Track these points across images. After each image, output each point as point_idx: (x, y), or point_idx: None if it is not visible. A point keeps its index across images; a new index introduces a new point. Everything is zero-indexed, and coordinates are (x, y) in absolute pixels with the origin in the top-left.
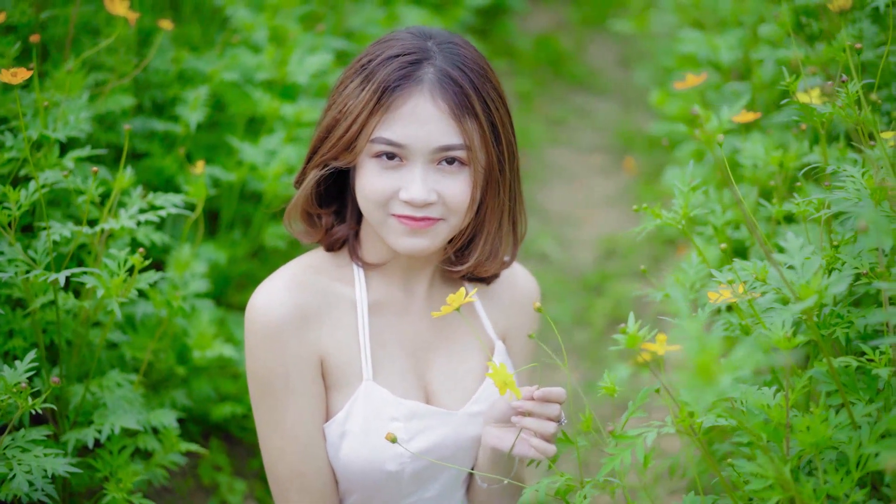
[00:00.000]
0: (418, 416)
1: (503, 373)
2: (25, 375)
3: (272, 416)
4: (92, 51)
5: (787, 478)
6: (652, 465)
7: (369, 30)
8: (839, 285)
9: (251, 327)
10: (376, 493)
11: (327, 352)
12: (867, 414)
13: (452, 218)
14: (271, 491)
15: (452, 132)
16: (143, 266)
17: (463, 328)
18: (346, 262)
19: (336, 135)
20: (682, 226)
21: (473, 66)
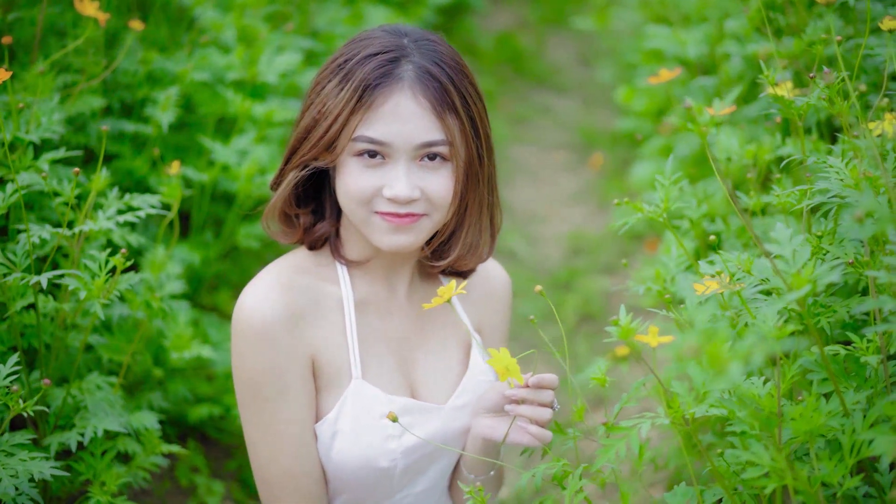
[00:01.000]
0: (408, 413)
1: (505, 358)
2: (8, 379)
3: (263, 419)
4: (62, 52)
5: (783, 466)
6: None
7: (335, 29)
8: (832, 274)
9: (241, 330)
10: (367, 492)
11: (318, 351)
12: (856, 402)
13: (436, 213)
14: (260, 494)
15: (434, 128)
16: (124, 267)
17: (441, 323)
18: (328, 261)
19: (316, 135)
20: (663, 218)
21: (450, 62)
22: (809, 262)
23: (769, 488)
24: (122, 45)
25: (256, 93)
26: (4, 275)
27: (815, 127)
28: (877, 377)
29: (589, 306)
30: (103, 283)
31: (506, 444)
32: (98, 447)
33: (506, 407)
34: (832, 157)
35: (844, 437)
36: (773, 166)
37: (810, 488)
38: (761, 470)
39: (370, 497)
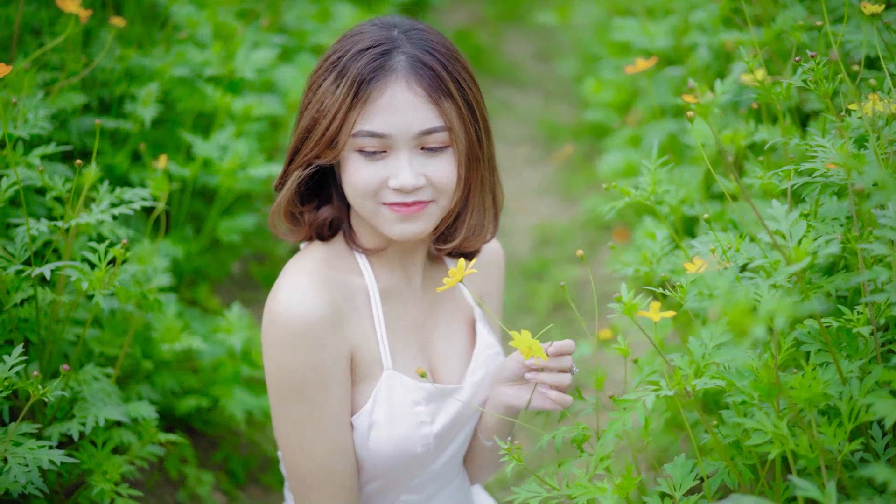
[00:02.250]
0: (436, 398)
1: (527, 339)
2: (14, 370)
3: (302, 417)
4: (45, 48)
5: (785, 432)
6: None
7: (304, 25)
8: (831, 247)
9: (282, 330)
10: (398, 476)
11: (355, 346)
12: (849, 371)
13: (442, 199)
14: (293, 490)
15: (432, 115)
16: (124, 258)
17: (449, 303)
18: (347, 252)
19: (317, 134)
20: (651, 201)
21: (441, 48)
22: (808, 235)
23: (773, 454)
24: (98, 42)
25: (233, 88)
26: (4, 268)
27: (786, 113)
28: (867, 347)
29: (560, 295)
30: (104, 274)
31: (528, 410)
32: (100, 437)
33: (527, 375)
34: (819, 138)
35: (842, 404)
36: (748, 152)
37: (811, 453)
38: (765, 437)
39: (399, 481)
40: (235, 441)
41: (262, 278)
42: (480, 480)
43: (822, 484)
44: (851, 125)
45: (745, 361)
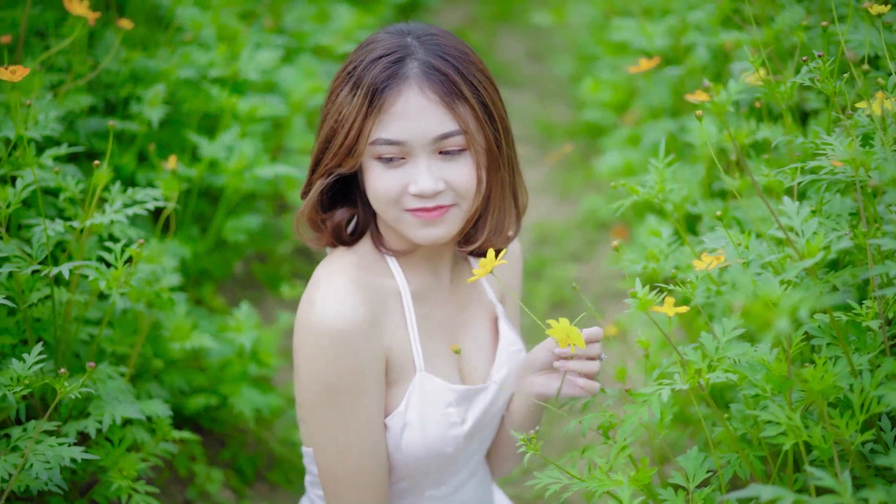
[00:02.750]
0: (466, 399)
1: (565, 327)
2: (33, 368)
3: (338, 420)
4: (53, 50)
5: (799, 424)
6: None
7: (302, 27)
8: (842, 242)
9: (321, 335)
10: (427, 475)
11: (390, 348)
12: (859, 364)
13: (464, 202)
14: (325, 491)
15: (446, 120)
16: (140, 258)
17: (473, 301)
18: (377, 255)
19: (336, 143)
20: (659, 199)
21: (454, 52)
22: (820, 230)
23: (786, 445)
24: (102, 44)
25: (237, 89)
26: (21, 267)
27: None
28: (875, 340)
29: (559, 294)
30: (121, 273)
31: (558, 398)
32: (115, 434)
33: (555, 363)
34: (827, 136)
35: (854, 396)
36: (750, 150)
37: (824, 444)
38: (779, 428)
39: (427, 478)
40: (243, 439)
41: (265, 278)
42: (506, 471)
43: (834, 474)
44: (860, 122)
45: (758, 355)
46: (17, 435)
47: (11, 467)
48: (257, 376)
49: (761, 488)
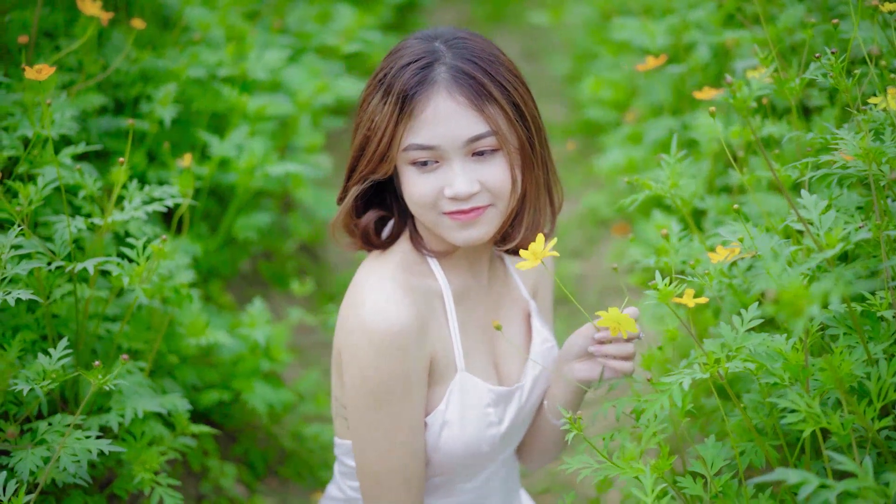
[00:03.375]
0: (504, 399)
1: (615, 315)
2: (60, 363)
3: (383, 421)
4: (68, 50)
5: (818, 411)
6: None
7: (305, 27)
8: (861, 233)
9: (373, 339)
10: (460, 471)
11: (435, 349)
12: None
13: (500, 202)
14: (362, 488)
15: (477, 122)
16: (163, 254)
17: (509, 300)
18: (417, 257)
19: (370, 151)
20: (671, 194)
21: (482, 54)
22: (839, 222)
23: (806, 431)
24: (110, 44)
25: (245, 89)
26: (49, 262)
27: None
28: (889, 330)
29: (560, 290)
30: (143, 269)
31: (601, 381)
32: (136, 428)
33: (590, 348)
34: (840, 131)
35: (871, 384)
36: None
37: (843, 431)
38: (799, 415)
39: (461, 474)
40: (254, 434)
41: (270, 276)
42: (544, 462)
43: (852, 459)
44: (875, 117)
45: (775, 345)
46: (44, 429)
47: (39, 460)
48: (268, 372)
49: (787, 472)
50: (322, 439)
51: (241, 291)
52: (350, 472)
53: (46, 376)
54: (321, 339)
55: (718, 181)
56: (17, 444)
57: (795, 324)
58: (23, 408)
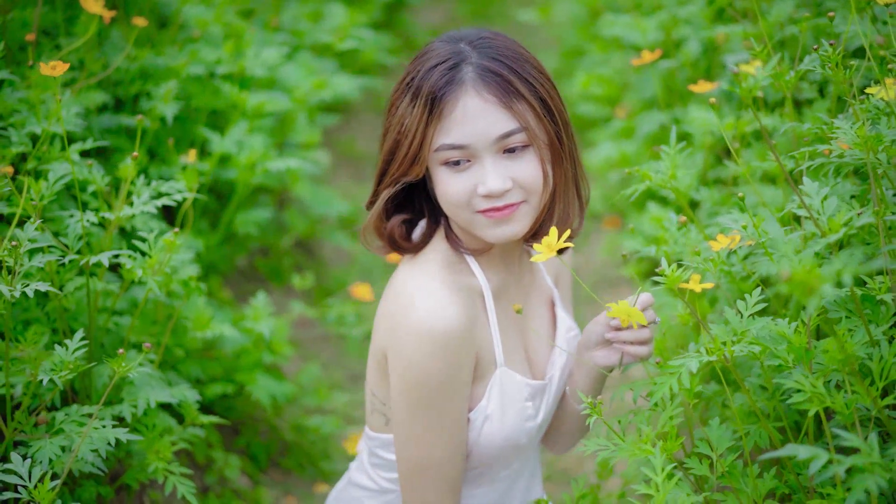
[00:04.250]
0: (539, 393)
1: (625, 307)
2: (76, 354)
3: (429, 418)
4: (71, 47)
5: (822, 391)
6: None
7: (299, 25)
8: (864, 217)
9: (426, 338)
10: (499, 461)
11: (479, 347)
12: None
13: (532, 198)
14: (402, 481)
15: (506, 119)
16: (175, 247)
17: (536, 289)
18: (456, 256)
19: (401, 154)
20: (670, 185)
21: (507, 52)
22: (841, 208)
23: (811, 411)
24: (109, 43)
25: (243, 86)
26: (63, 254)
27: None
28: (888, 313)
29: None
30: (155, 261)
31: (620, 366)
32: (148, 420)
33: (607, 335)
34: (837, 120)
35: (873, 364)
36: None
37: (846, 410)
38: (804, 395)
39: (499, 464)
40: (256, 427)
41: (267, 271)
42: (568, 446)
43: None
44: (875, 106)
45: (778, 328)
46: (61, 419)
47: (58, 449)
48: (270, 365)
49: (797, 448)
50: (322, 431)
51: (239, 287)
52: (385, 465)
53: (64, 367)
54: (319, 333)
55: (711, 174)
56: (34, 435)
57: (808, 302)
58: (36, 399)
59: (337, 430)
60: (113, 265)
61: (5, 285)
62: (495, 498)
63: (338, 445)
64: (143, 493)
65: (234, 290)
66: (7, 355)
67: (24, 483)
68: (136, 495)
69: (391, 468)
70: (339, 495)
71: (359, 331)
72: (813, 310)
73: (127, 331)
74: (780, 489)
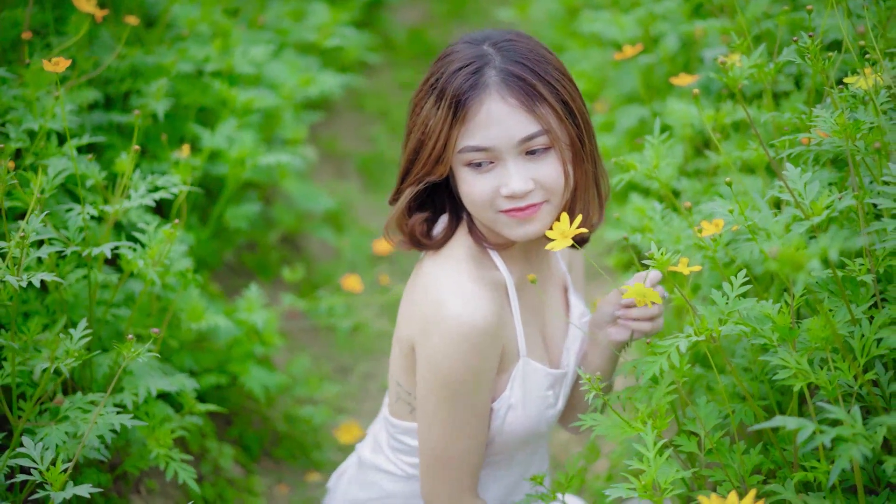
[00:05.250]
0: (558, 381)
1: (640, 288)
2: (81, 343)
3: (456, 410)
4: (64, 45)
5: (807, 368)
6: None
7: (282, 23)
8: (845, 200)
9: (457, 333)
10: (519, 447)
11: (505, 341)
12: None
13: (554, 197)
14: (422, 469)
15: (529, 122)
16: (174, 238)
17: (551, 275)
18: (480, 250)
19: (425, 154)
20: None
21: (530, 55)
22: (823, 191)
23: (797, 386)
24: (98, 41)
25: (231, 83)
26: (65, 245)
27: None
28: (868, 293)
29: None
30: (156, 252)
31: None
32: (151, 408)
33: (617, 313)
34: (817, 109)
35: (854, 341)
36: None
37: (829, 385)
38: (789, 372)
39: (520, 449)
40: (248, 417)
41: (254, 265)
42: None
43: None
44: (855, 94)
45: (763, 309)
46: (66, 406)
47: (64, 435)
48: (261, 356)
49: (786, 419)
50: (314, 422)
51: (227, 282)
52: (408, 450)
53: (69, 355)
54: (307, 326)
55: (690, 165)
56: (39, 422)
57: (796, 278)
58: (38, 389)
59: (328, 420)
60: (108, 259)
61: (13, 275)
62: (512, 480)
63: (329, 435)
64: (140, 482)
65: (222, 284)
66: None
67: (36, 466)
68: (132, 485)
69: (414, 454)
70: (358, 477)
71: (348, 322)
72: (801, 286)
73: (125, 322)
74: (766, 464)
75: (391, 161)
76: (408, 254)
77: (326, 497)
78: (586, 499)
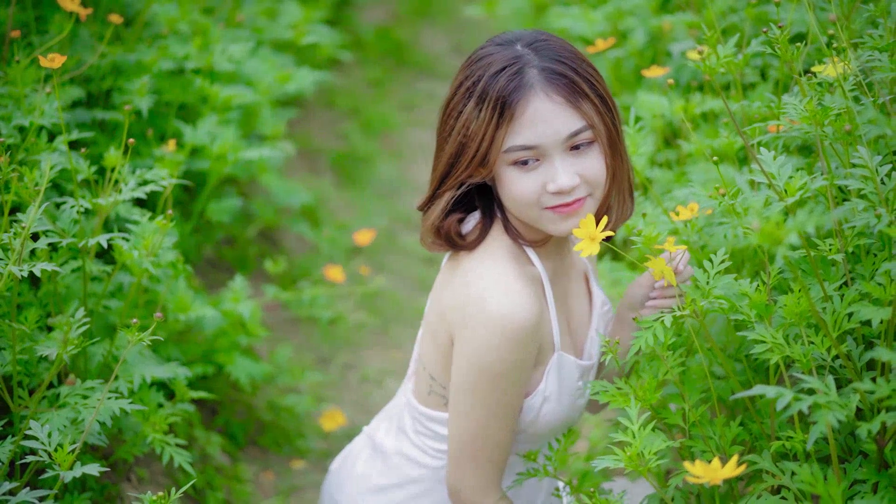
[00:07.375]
0: (587, 372)
1: (661, 263)
2: (79, 331)
3: (491, 403)
4: (49, 44)
5: (782, 342)
6: None
7: (257, 22)
8: (818, 181)
9: (500, 329)
10: (543, 441)
11: (543, 333)
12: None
13: (597, 191)
14: (451, 459)
15: (574, 118)
16: (167, 229)
17: (574, 270)
18: (517, 247)
19: (467, 157)
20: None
21: (567, 53)
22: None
23: (773, 360)
24: (78, 40)
25: (212, 80)
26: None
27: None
28: (838, 272)
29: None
30: (150, 242)
31: None
32: (145, 395)
33: (652, 294)
34: (787, 96)
35: (827, 316)
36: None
37: (804, 358)
38: (766, 346)
39: (542, 442)
40: (233, 407)
41: (233, 260)
42: (602, 407)
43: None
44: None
45: (740, 287)
46: (66, 392)
47: (66, 420)
48: (245, 347)
49: (766, 388)
50: (297, 411)
51: (208, 276)
52: (437, 437)
53: (69, 343)
54: (287, 317)
55: (660, 156)
56: (39, 409)
57: (775, 251)
58: (35, 378)
59: (310, 408)
60: (98, 252)
61: (14, 265)
62: (533, 465)
63: (312, 423)
64: (130, 470)
65: (203, 278)
66: (13, 334)
67: (44, 447)
68: (123, 473)
69: (443, 441)
70: (376, 464)
71: (328, 313)
72: (780, 259)
73: (115, 314)
74: (743, 436)
75: (363, 157)
76: (384, 247)
77: (329, 479)
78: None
